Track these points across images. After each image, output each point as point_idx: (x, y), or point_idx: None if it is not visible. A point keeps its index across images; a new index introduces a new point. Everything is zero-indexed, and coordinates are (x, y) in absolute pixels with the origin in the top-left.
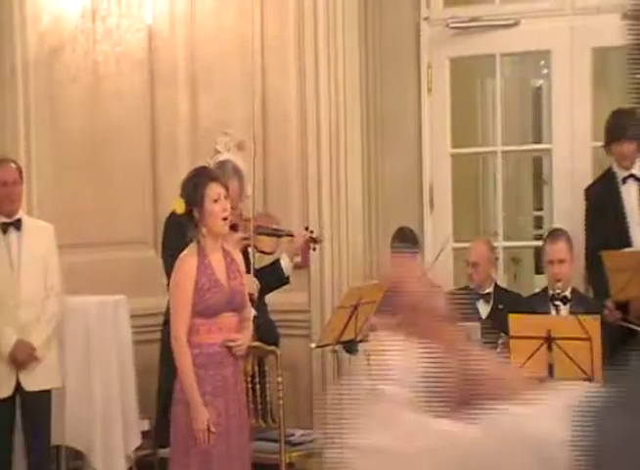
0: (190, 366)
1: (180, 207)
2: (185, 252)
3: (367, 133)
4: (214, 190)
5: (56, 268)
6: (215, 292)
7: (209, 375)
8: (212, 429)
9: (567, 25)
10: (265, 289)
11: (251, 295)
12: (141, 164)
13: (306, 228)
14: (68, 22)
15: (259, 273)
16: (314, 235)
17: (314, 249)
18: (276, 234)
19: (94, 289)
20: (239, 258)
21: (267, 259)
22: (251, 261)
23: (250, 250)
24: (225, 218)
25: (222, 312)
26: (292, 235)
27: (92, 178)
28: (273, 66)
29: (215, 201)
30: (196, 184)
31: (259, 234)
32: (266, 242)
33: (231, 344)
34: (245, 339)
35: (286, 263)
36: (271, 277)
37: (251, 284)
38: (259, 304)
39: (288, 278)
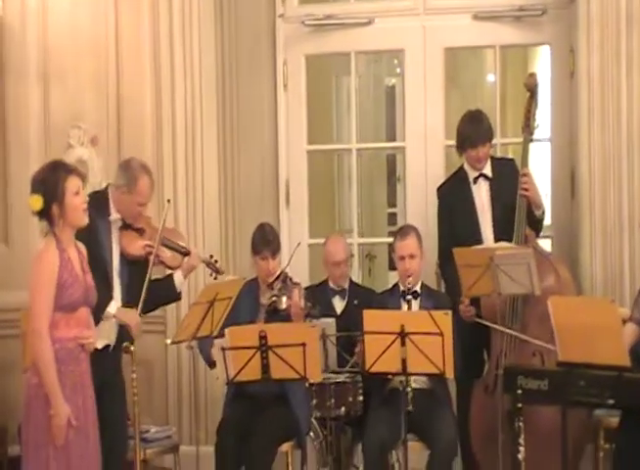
0: (53, 362)
1: (37, 203)
2: (43, 246)
3: (223, 130)
4: (74, 183)
5: None
6: (77, 288)
7: (69, 371)
8: (74, 423)
9: (419, 25)
10: (156, 301)
11: (128, 327)
12: None
13: (211, 256)
14: None
15: (152, 284)
16: (218, 265)
17: (215, 278)
18: (180, 251)
19: None
20: (85, 253)
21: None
22: (148, 272)
23: (150, 259)
24: (85, 210)
25: (80, 307)
26: (187, 254)
27: None
28: (128, 62)
29: (76, 193)
30: (54, 179)
31: (165, 245)
32: (170, 256)
33: (83, 341)
34: (95, 334)
35: (179, 279)
36: (162, 290)
37: (134, 321)
38: (132, 297)
39: (179, 294)
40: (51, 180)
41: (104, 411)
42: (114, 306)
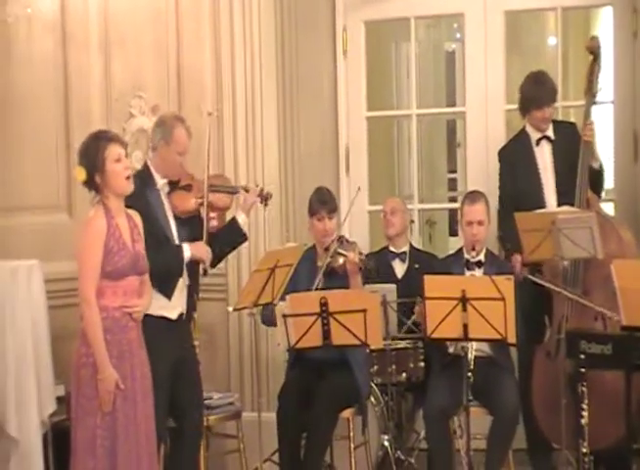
0: (101, 330)
1: (81, 174)
2: (92, 213)
3: (283, 96)
4: (114, 150)
5: None
6: (123, 255)
7: (116, 340)
8: (121, 386)
9: None
10: (226, 247)
11: (202, 261)
12: (54, 128)
13: (256, 185)
14: None
15: (218, 234)
16: (264, 192)
17: (266, 204)
18: (229, 191)
19: (6, 254)
20: (139, 222)
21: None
22: (204, 223)
23: (202, 210)
24: (128, 177)
25: (128, 276)
26: (246, 190)
27: (3, 143)
28: (188, 31)
29: (117, 161)
30: (94, 148)
31: (213, 192)
32: (220, 199)
33: (129, 310)
34: (145, 303)
35: (242, 220)
36: (230, 235)
37: (204, 251)
38: (193, 267)
39: (245, 235)
40: (92, 150)
41: (181, 390)
42: (187, 251)
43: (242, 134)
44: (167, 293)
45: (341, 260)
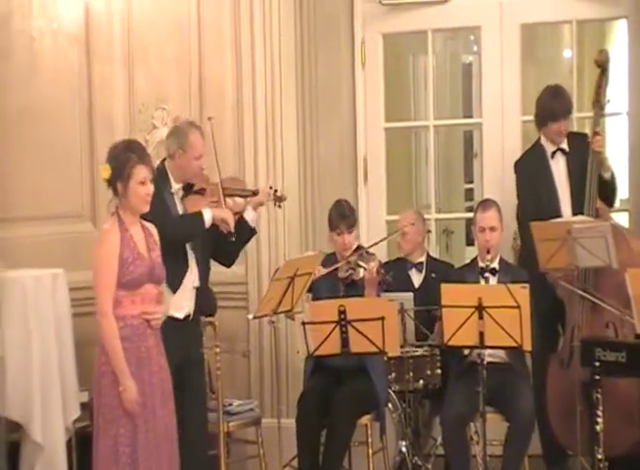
0: (118, 341)
1: (105, 173)
2: (107, 226)
3: (302, 108)
4: (142, 173)
5: None
6: (138, 264)
7: (134, 347)
8: (139, 400)
9: (496, 2)
10: (238, 245)
11: (225, 224)
12: (78, 139)
13: (270, 187)
14: None
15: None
16: (278, 193)
17: (279, 206)
18: (243, 195)
19: (32, 263)
20: (155, 232)
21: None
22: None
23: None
24: (148, 201)
25: (144, 284)
26: (257, 194)
27: (28, 154)
28: (209, 44)
29: (142, 183)
30: (124, 159)
31: (229, 195)
32: (236, 203)
33: (149, 317)
34: (162, 311)
35: (249, 216)
36: (239, 233)
37: (227, 212)
38: (204, 271)
39: (254, 229)
40: (121, 159)
41: (184, 386)
42: (208, 213)
43: (262, 145)
44: (174, 286)
45: (361, 273)
